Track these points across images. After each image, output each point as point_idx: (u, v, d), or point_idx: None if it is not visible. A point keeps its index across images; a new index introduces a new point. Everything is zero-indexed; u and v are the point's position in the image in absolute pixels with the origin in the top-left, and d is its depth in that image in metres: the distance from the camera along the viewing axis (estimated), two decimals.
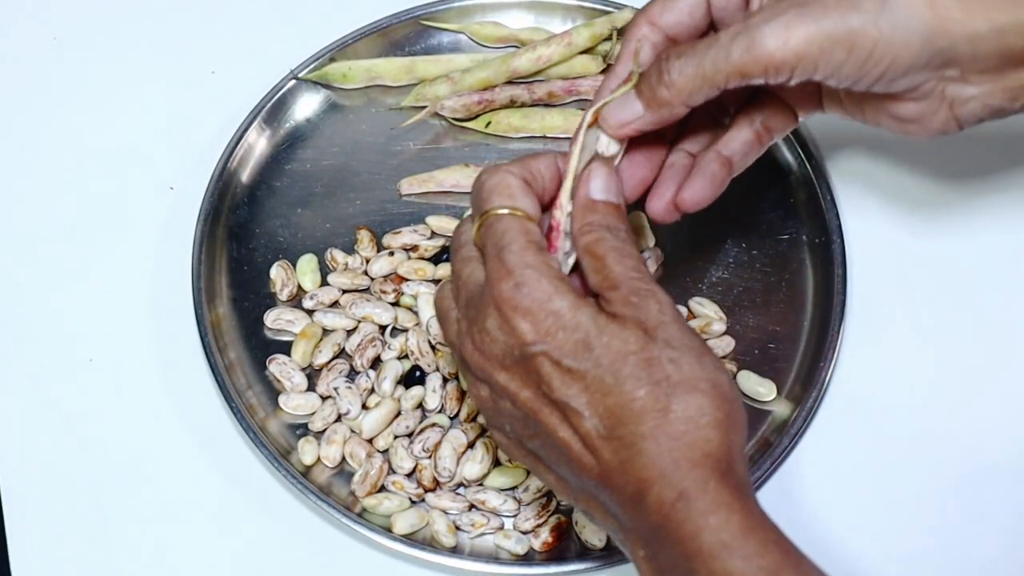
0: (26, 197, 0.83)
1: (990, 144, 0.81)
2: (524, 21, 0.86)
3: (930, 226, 0.80)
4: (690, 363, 0.56)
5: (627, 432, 0.55)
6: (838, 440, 0.73)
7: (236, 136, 0.81)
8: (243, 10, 0.90)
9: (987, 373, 0.75)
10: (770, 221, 0.80)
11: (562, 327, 0.56)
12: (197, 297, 0.76)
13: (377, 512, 0.71)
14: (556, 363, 0.56)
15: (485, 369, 0.58)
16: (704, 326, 0.75)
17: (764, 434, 0.73)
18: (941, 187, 0.81)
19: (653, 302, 0.57)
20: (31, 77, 0.87)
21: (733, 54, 0.59)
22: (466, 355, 0.59)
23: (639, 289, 0.57)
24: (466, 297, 0.59)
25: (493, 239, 0.58)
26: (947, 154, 0.81)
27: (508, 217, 0.59)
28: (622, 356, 0.55)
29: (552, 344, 0.56)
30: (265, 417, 0.74)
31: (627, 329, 0.56)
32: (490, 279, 0.57)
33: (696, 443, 0.54)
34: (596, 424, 0.55)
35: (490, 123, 0.83)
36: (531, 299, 0.56)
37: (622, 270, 0.58)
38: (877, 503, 0.71)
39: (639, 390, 0.55)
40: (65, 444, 0.74)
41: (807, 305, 0.77)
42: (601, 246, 0.59)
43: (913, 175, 0.81)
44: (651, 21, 0.65)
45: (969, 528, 0.71)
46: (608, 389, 0.55)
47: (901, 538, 0.70)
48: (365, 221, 0.80)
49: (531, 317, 0.56)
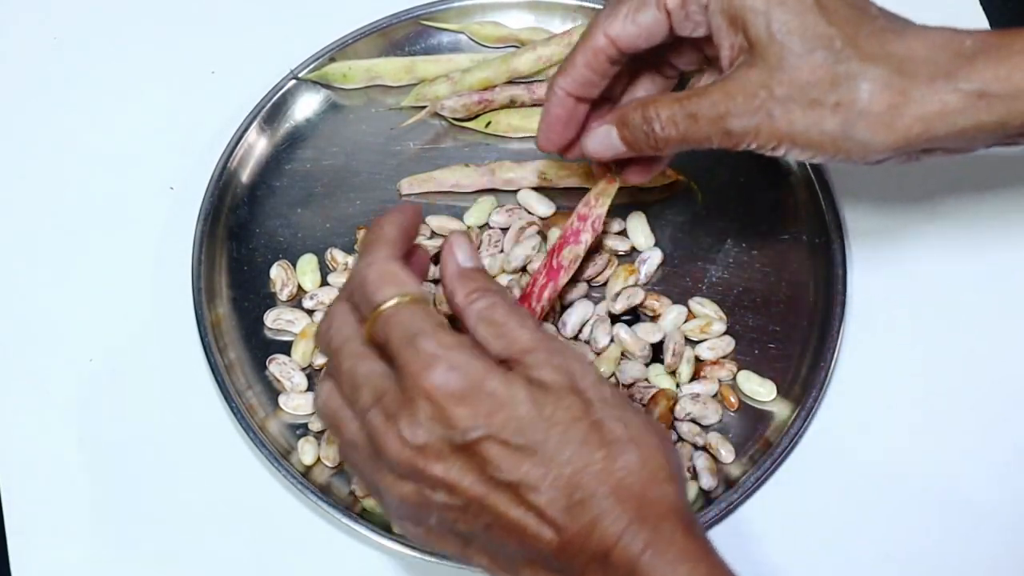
0: (26, 197, 0.83)
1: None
2: (524, 21, 0.86)
3: (930, 226, 0.80)
4: (633, 421, 0.56)
5: (587, 495, 0.54)
6: (838, 441, 0.73)
7: (236, 136, 0.81)
8: (243, 10, 0.90)
9: (987, 373, 0.75)
10: (770, 221, 0.80)
11: (501, 406, 0.54)
12: (197, 297, 0.76)
13: (377, 511, 0.71)
14: (503, 443, 0.55)
15: (414, 464, 0.55)
16: (704, 326, 0.75)
17: (764, 434, 0.73)
18: (941, 188, 0.81)
19: (575, 363, 0.56)
20: (31, 77, 0.87)
21: (714, 140, 0.64)
22: (391, 453, 0.55)
23: (557, 350, 0.56)
24: (374, 394, 0.56)
25: (399, 330, 0.56)
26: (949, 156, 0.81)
27: (407, 305, 0.56)
28: (570, 424, 0.55)
29: (495, 426, 0.54)
30: (265, 417, 0.74)
31: (564, 397, 0.55)
32: (409, 371, 0.55)
33: (658, 498, 0.54)
34: (553, 496, 0.54)
35: (490, 123, 0.83)
36: (465, 383, 0.54)
37: (530, 334, 0.56)
38: (877, 503, 0.71)
39: (595, 453, 0.54)
40: (65, 444, 0.74)
41: (807, 305, 0.77)
42: (498, 312, 0.57)
43: (913, 175, 0.81)
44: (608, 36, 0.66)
45: (969, 529, 0.71)
46: (565, 459, 0.54)
47: (901, 538, 0.70)
48: (365, 221, 0.80)
49: (468, 401, 0.54)
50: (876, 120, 0.61)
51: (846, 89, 0.61)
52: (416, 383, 0.55)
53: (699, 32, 0.65)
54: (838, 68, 0.61)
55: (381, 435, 0.56)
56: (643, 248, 0.78)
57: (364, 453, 0.57)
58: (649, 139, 0.65)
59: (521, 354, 0.56)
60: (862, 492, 0.72)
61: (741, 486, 0.70)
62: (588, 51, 0.67)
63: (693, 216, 0.80)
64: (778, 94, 0.61)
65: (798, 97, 0.61)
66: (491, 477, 0.55)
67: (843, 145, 0.62)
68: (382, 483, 0.57)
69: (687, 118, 0.63)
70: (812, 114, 0.61)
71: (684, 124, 0.64)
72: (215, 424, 0.74)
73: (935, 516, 0.71)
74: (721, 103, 0.63)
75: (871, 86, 0.60)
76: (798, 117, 0.61)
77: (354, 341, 0.58)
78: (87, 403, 0.76)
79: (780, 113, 0.61)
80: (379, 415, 0.56)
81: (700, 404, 0.73)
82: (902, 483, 0.72)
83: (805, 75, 0.61)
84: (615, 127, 0.67)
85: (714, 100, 0.63)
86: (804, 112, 0.61)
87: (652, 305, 0.76)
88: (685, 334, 0.75)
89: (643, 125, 0.65)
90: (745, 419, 0.74)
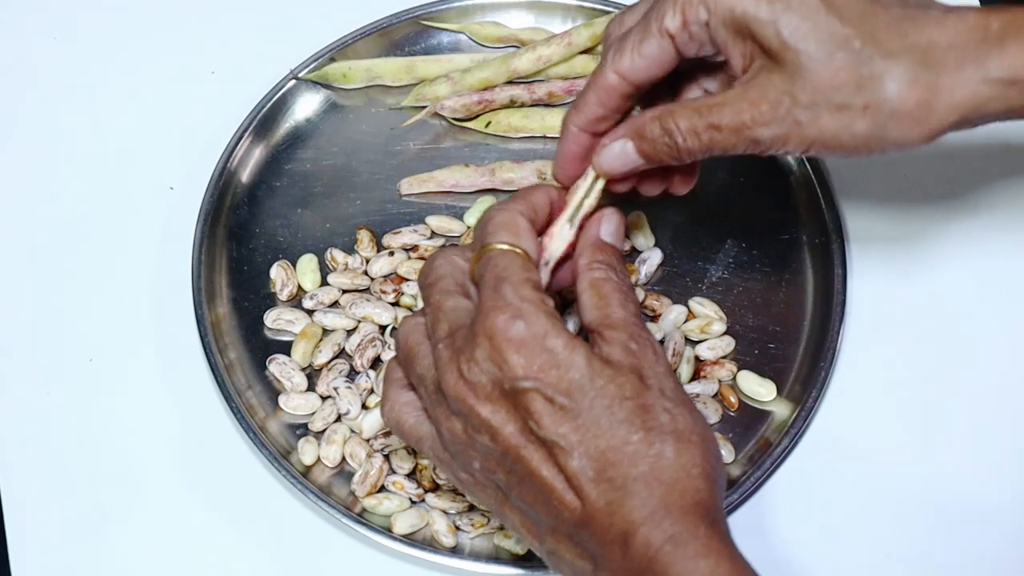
0: (26, 197, 0.83)
1: (990, 145, 0.81)
2: (524, 21, 0.86)
3: (930, 226, 0.80)
4: (683, 416, 0.56)
5: (618, 475, 0.55)
6: (838, 441, 0.73)
7: (236, 136, 0.81)
8: (243, 10, 0.90)
9: (987, 374, 0.75)
10: (771, 221, 0.80)
11: (556, 365, 0.56)
12: (197, 297, 0.76)
13: (377, 512, 0.71)
14: (548, 400, 0.56)
15: (467, 401, 0.57)
16: (704, 326, 0.75)
17: (764, 434, 0.73)
18: (941, 188, 0.81)
19: (650, 352, 0.58)
20: (31, 77, 0.87)
21: (739, 148, 0.61)
22: (447, 385, 0.57)
23: (638, 336, 0.58)
24: (449, 328, 0.58)
25: (494, 271, 0.58)
26: (948, 156, 0.81)
27: (510, 253, 0.59)
28: (618, 400, 0.56)
29: (545, 381, 0.56)
30: (265, 417, 0.74)
31: (622, 375, 0.56)
32: (484, 309, 0.57)
33: (688, 491, 0.55)
34: (585, 465, 0.55)
35: (490, 123, 0.83)
36: (527, 333, 0.56)
37: (624, 314, 0.58)
38: (877, 503, 0.71)
39: (634, 435, 0.55)
40: (65, 444, 0.74)
41: (807, 305, 0.77)
42: (607, 285, 0.59)
43: (913, 175, 0.81)
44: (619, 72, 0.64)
45: (970, 528, 0.71)
46: (601, 431, 0.55)
47: (902, 538, 0.70)
48: (365, 221, 0.80)
49: (525, 351, 0.56)
50: (907, 118, 0.59)
51: (872, 91, 0.59)
52: (484, 323, 0.56)
53: (707, 51, 0.63)
54: (861, 70, 0.58)
55: (443, 366, 0.57)
56: (643, 248, 0.78)
57: (430, 387, 0.59)
58: (672, 151, 0.63)
59: (607, 327, 0.58)
60: (862, 492, 0.72)
61: (741, 486, 0.70)
62: (600, 90, 0.65)
63: (693, 216, 0.80)
64: (803, 100, 0.59)
65: (824, 102, 0.59)
66: (530, 431, 0.56)
67: (876, 145, 0.60)
68: (439, 417, 0.59)
69: (709, 128, 0.61)
70: (841, 118, 0.59)
71: (707, 135, 0.61)
72: (215, 424, 0.74)
73: (935, 516, 0.71)
74: (745, 112, 0.60)
75: (898, 85, 0.58)
76: (827, 122, 0.59)
77: (449, 279, 0.60)
78: (87, 403, 0.76)
79: (808, 119, 0.59)
80: (448, 348, 0.58)
81: (700, 404, 0.73)
82: (902, 483, 0.72)
83: (828, 79, 0.59)
84: (631, 140, 0.64)
85: (736, 109, 0.60)
86: (832, 116, 0.59)
87: (652, 305, 0.76)
88: (685, 334, 0.75)
89: (663, 137, 0.62)
90: (745, 419, 0.74)
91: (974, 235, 0.79)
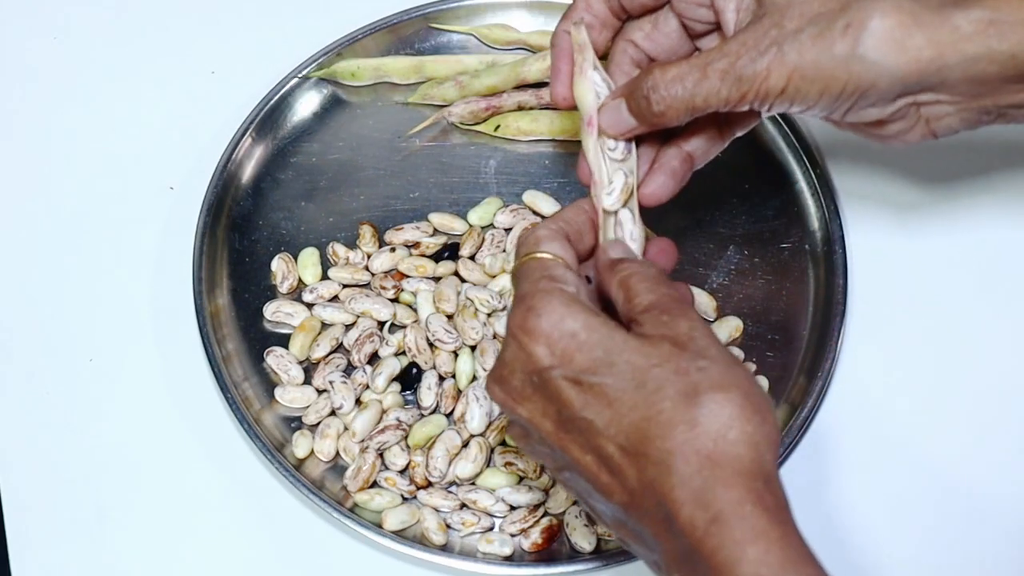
0: (26, 197, 0.82)
1: (993, 152, 0.81)
2: (533, 24, 0.86)
3: (932, 236, 0.80)
4: (720, 371, 0.54)
5: (653, 448, 0.53)
6: (838, 441, 0.73)
7: (239, 132, 0.81)
8: (242, 10, 0.89)
9: (986, 377, 0.75)
10: (773, 229, 0.80)
11: (578, 347, 0.55)
12: (197, 287, 0.76)
13: (368, 508, 0.71)
14: (575, 382, 0.55)
15: (510, 406, 0.57)
16: None
17: None
18: (944, 197, 0.81)
19: (684, 320, 0.56)
20: (31, 77, 0.87)
21: (723, 92, 0.61)
22: (494, 397, 0.58)
23: (669, 309, 0.56)
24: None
25: (517, 278, 0.59)
26: (950, 163, 0.81)
27: (531, 260, 0.59)
28: (645, 369, 0.54)
29: (570, 365, 0.55)
30: (261, 409, 0.74)
31: (651, 344, 0.55)
32: (508, 314, 0.58)
33: (727, 461, 0.52)
34: (620, 442, 0.54)
35: (499, 127, 0.83)
36: (544, 322, 0.56)
37: (654, 297, 0.57)
38: (877, 503, 0.71)
39: (663, 402, 0.53)
40: (65, 444, 0.74)
41: (808, 313, 0.77)
42: (633, 279, 0.58)
43: (917, 185, 0.81)
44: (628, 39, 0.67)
45: (970, 528, 0.71)
46: (632, 403, 0.54)
47: (902, 538, 0.70)
48: (368, 216, 0.80)
49: (545, 340, 0.55)
50: (887, 37, 0.59)
51: (856, 10, 0.59)
52: (508, 325, 0.57)
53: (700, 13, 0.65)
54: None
55: (489, 382, 0.58)
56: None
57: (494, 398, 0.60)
58: (652, 105, 0.62)
59: (638, 315, 0.57)
60: (862, 492, 0.72)
61: None
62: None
63: (695, 222, 0.79)
64: (788, 28, 0.60)
65: (808, 28, 0.60)
66: (567, 419, 0.55)
67: (853, 68, 0.59)
68: (508, 430, 0.60)
69: (695, 70, 0.61)
70: (822, 41, 0.59)
71: (692, 79, 0.61)
72: (213, 417, 0.74)
73: (936, 515, 0.71)
74: (732, 51, 0.61)
75: (883, 6, 0.59)
76: (808, 48, 0.59)
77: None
78: (87, 402, 0.76)
79: (790, 47, 0.60)
80: (495, 362, 0.58)
81: None
82: (902, 483, 0.72)
83: (816, 7, 0.60)
84: (624, 100, 0.63)
85: (724, 51, 0.61)
86: (814, 41, 0.59)
87: None
88: None
89: (646, 89, 0.62)
90: None
91: (976, 243, 0.79)
